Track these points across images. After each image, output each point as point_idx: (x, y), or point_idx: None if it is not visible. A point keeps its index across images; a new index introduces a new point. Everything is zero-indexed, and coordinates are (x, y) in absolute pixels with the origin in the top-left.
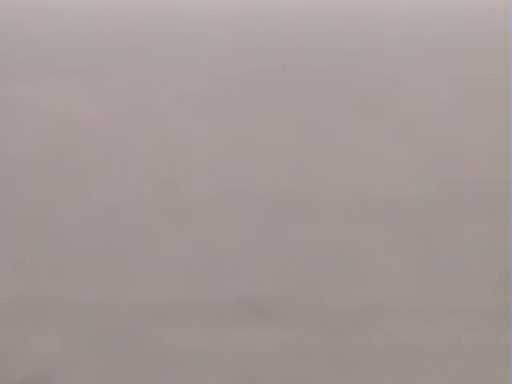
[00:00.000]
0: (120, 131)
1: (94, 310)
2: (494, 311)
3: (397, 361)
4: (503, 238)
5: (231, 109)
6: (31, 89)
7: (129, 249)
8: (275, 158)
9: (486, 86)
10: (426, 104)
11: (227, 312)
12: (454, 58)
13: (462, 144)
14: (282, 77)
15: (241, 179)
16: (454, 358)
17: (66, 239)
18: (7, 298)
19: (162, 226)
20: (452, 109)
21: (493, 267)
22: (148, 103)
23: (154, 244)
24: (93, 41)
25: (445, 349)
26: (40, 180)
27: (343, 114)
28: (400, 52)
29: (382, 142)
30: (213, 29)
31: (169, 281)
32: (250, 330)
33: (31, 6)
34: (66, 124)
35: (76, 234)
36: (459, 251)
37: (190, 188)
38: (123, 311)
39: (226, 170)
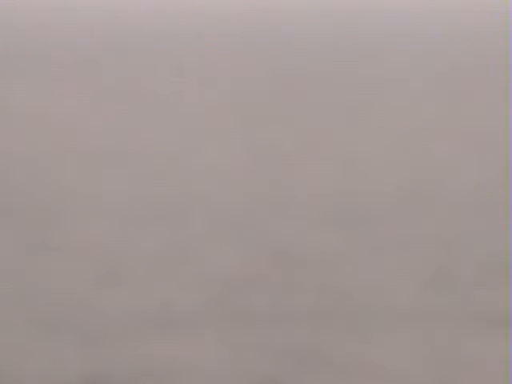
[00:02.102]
0: (119, 131)
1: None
2: (490, 316)
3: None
4: (502, 239)
5: (231, 108)
6: (30, 89)
7: (113, 248)
8: (275, 157)
9: (486, 86)
10: (427, 104)
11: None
12: (453, 58)
13: (463, 144)
14: (282, 77)
15: (241, 179)
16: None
17: (64, 238)
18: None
19: (160, 225)
20: (452, 109)
21: (491, 267)
22: (148, 103)
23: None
24: (92, 41)
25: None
26: (39, 179)
27: (343, 114)
28: (400, 52)
29: (382, 141)
30: (213, 29)
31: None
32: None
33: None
34: (66, 124)
35: (74, 233)
36: (458, 251)
37: (189, 187)
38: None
39: (225, 169)
